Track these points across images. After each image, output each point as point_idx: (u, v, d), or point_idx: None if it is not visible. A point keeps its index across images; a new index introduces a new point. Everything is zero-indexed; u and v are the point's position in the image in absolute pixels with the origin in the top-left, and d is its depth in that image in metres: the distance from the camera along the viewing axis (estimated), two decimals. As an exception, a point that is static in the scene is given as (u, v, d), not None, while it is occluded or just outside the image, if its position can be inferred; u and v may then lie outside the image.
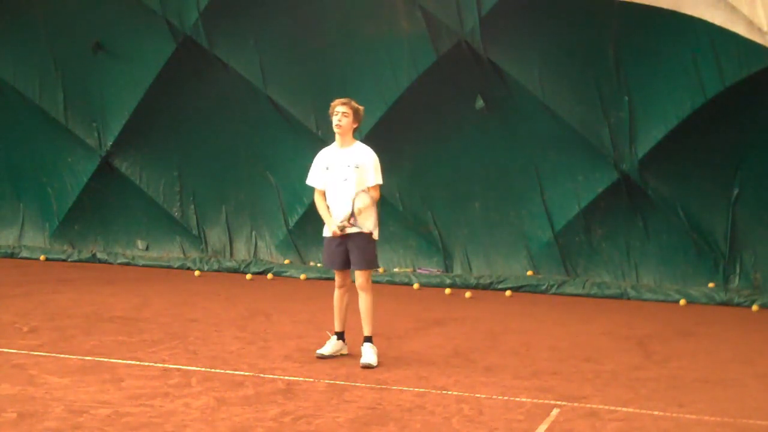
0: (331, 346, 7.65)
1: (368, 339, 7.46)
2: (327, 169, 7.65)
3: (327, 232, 7.60)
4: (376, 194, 7.57)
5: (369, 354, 7.35)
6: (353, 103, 7.61)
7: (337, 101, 7.60)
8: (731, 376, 7.48)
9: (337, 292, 7.70)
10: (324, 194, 7.66)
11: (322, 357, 7.53)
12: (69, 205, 13.79)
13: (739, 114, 11.21)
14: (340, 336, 7.70)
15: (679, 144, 11.36)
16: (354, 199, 7.38)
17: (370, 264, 7.51)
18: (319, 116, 12.58)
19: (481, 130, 12.10)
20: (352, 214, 7.35)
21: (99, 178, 13.56)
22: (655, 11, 9.93)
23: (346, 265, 7.54)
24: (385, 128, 12.24)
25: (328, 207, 7.60)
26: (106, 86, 13.14)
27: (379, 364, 7.36)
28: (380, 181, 7.64)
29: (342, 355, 7.64)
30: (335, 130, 7.60)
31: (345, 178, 7.51)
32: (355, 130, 7.73)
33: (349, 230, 7.39)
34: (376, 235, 7.54)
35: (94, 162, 13.51)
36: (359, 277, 7.48)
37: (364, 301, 7.49)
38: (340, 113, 7.54)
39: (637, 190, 11.77)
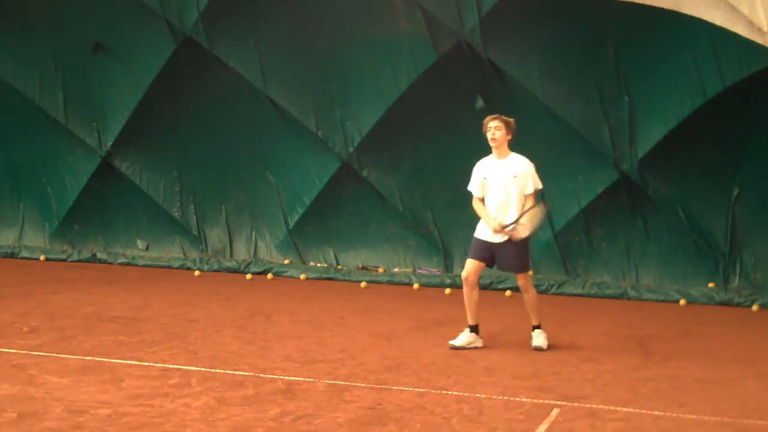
0: (465, 337, 8.20)
1: (536, 327, 8.32)
2: (485, 179, 8.33)
3: (482, 234, 8.26)
4: (531, 201, 8.23)
5: (538, 338, 8.24)
6: (504, 117, 8.30)
7: (489, 117, 8.33)
8: (731, 376, 7.48)
9: (465, 288, 8.31)
10: (482, 200, 8.34)
11: (454, 348, 8.10)
12: (69, 205, 13.79)
13: (739, 114, 11.20)
14: (474, 329, 8.25)
15: (679, 144, 11.36)
16: (524, 211, 8.11)
17: (526, 267, 8.37)
18: (319, 116, 12.59)
19: (481, 130, 12.08)
20: (517, 221, 8.09)
21: (99, 178, 13.56)
22: (655, 11, 9.93)
23: (487, 262, 8.34)
24: (385, 128, 12.25)
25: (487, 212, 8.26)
26: (106, 86, 13.14)
27: (379, 363, 7.37)
28: (539, 186, 8.33)
29: (475, 347, 8.14)
30: (491, 144, 8.32)
31: (504, 187, 8.20)
32: (509, 142, 8.35)
33: (502, 238, 8.13)
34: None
35: (94, 162, 13.51)
36: (520, 279, 8.40)
37: (528, 297, 8.35)
38: (493, 128, 8.25)
39: (637, 190, 11.77)
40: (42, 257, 13.71)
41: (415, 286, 12.25)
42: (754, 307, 11.17)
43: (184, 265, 13.22)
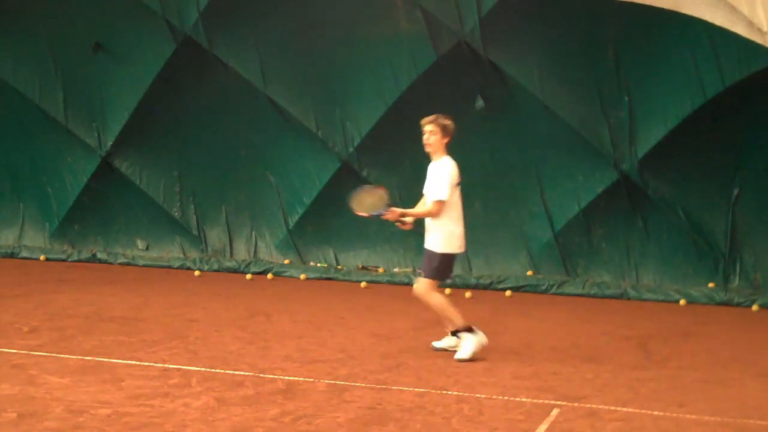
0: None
1: (454, 332, 7.81)
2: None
3: (451, 249, 7.85)
4: (429, 208, 7.87)
5: (461, 346, 7.70)
6: (441, 120, 7.93)
7: (425, 120, 7.94)
8: (731, 376, 7.48)
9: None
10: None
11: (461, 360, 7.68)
12: (69, 205, 13.79)
13: (739, 114, 11.21)
14: (468, 329, 7.82)
15: (679, 144, 11.36)
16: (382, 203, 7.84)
17: (428, 273, 7.89)
18: (319, 116, 12.59)
19: (481, 130, 12.09)
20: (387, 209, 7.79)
21: (99, 178, 13.56)
22: (655, 11, 9.94)
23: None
24: (385, 128, 12.25)
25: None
26: (106, 86, 13.14)
27: (379, 363, 7.37)
28: (438, 197, 7.80)
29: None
30: (425, 149, 7.94)
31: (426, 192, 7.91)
32: (446, 145, 7.99)
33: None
34: (439, 250, 7.83)
35: (94, 162, 13.51)
36: (417, 282, 7.97)
37: (429, 306, 7.92)
38: (428, 132, 7.90)
39: (637, 190, 11.77)
40: (42, 257, 13.71)
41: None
42: (754, 307, 11.18)
43: (184, 265, 13.22)
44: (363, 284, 12.19)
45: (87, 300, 10.23)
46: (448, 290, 11.93)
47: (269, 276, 12.76)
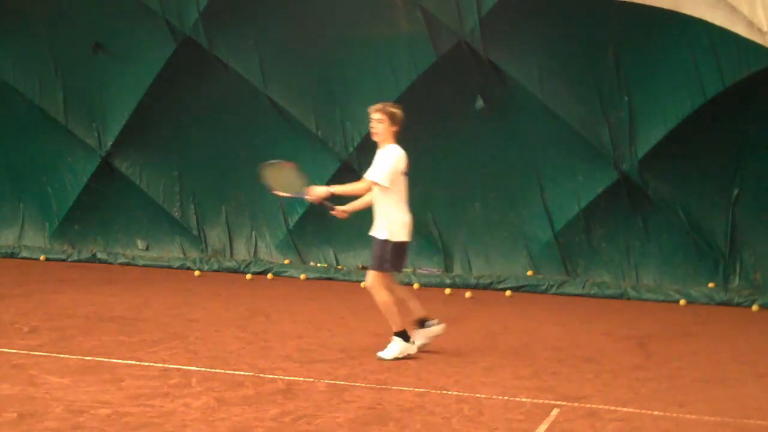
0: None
1: (397, 333, 7.63)
2: None
3: (400, 237, 7.60)
4: (360, 184, 7.70)
5: (389, 347, 7.57)
6: (389, 108, 7.66)
7: (372, 108, 7.66)
8: (731, 376, 7.48)
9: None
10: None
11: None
12: (69, 205, 13.78)
13: (739, 114, 11.21)
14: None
15: (679, 144, 11.36)
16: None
17: (376, 266, 7.62)
18: (319, 116, 12.59)
19: (481, 130, 12.10)
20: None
21: (99, 178, 13.56)
22: (655, 11, 9.94)
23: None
24: (385, 128, 12.23)
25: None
26: (106, 86, 13.14)
27: (379, 363, 7.37)
28: (373, 177, 7.57)
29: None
30: (373, 138, 7.71)
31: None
32: (395, 134, 7.68)
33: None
34: (384, 236, 7.59)
35: (94, 162, 13.51)
36: (366, 276, 7.76)
37: (376, 301, 7.71)
38: (375, 120, 7.62)
39: (637, 190, 11.77)
40: (42, 257, 13.70)
41: (415, 286, 12.24)
42: (754, 307, 11.17)
43: (184, 265, 13.21)
44: (363, 284, 12.17)
45: (87, 300, 10.23)
46: (448, 290, 11.95)
47: (269, 276, 12.76)
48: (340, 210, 7.85)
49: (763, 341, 9.33)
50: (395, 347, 7.56)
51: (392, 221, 7.59)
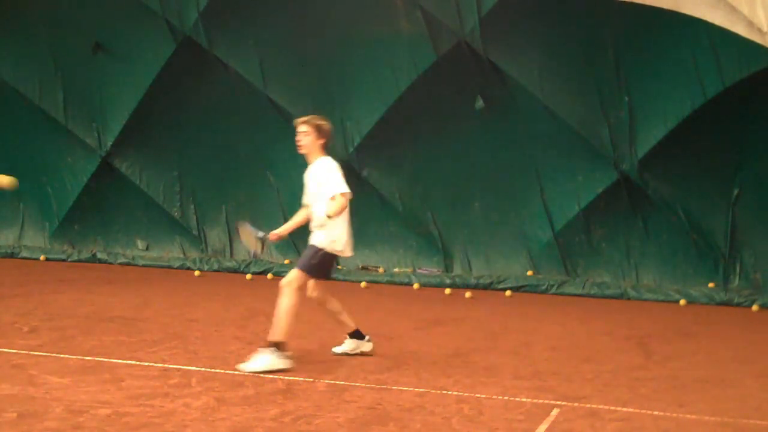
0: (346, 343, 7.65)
1: (273, 344, 7.07)
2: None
3: (335, 247, 7.36)
4: (336, 203, 7.18)
5: (256, 358, 6.96)
6: (315, 121, 7.38)
7: (298, 120, 7.40)
8: (731, 376, 7.48)
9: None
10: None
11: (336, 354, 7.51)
12: (69, 205, 13.79)
13: (739, 114, 11.22)
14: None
15: (679, 144, 11.36)
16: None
17: (303, 266, 7.30)
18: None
19: (481, 130, 12.11)
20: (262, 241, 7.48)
21: (99, 178, 13.56)
22: (655, 11, 9.94)
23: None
24: (385, 128, 12.25)
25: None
26: (106, 86, 13.15)
27: (379, 363, 7.36)
28: (342, 190, 7.21)
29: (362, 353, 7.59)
30: (299, 150, 7.44)
31: (312, 194, 7.46)
32: (323, 147, 7.37)
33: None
34: (323, 246, 7.35)
35: (94, 162, 13.51)
36: (289, 275, 7.31)
37: (280, 303, 7.26)
38: (301, 133, 7.36)
39: (637, 190, 11.77)
40: (42, 257, 13.71)
41: (415, 286, 12.25)
42: (754, 307, 11.18)
43: (184, 265, 13.22)
44: (363, 284, 12.19)
45: (87, 300, 10.23)
46: (448, 290, 11.95)
47: (269, 276, 12.76)
48: (275, 234, 7.60)
49: (763, 341, 9.33)
50: (267, 360, 6.92)
51: (336, 233, 7.35)
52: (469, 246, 12.67)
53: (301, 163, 13.85)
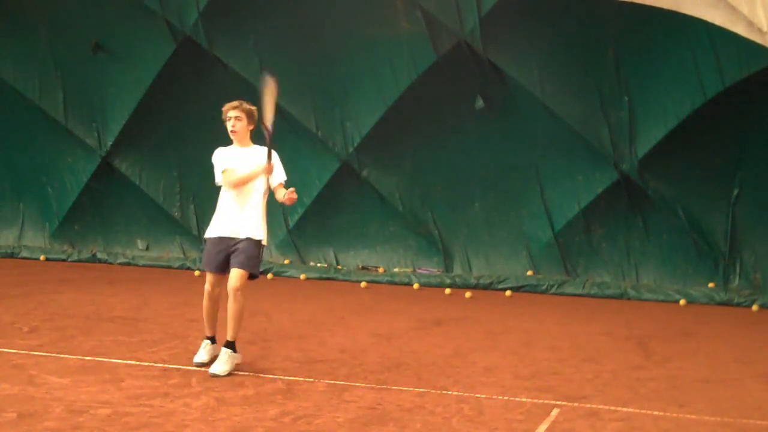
0: (207, 350, 7.26)
1: (229, 343, 6.99)
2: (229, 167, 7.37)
3: (214, 231, 7.29)
4: (281, 191, 7.42)
5: (221, 360, 6.87)
6: (246, 106, 7.43)
7: (228, 105, 7.39)
8: (731, 376, 7.48)
9: (206, 301, 7.33)
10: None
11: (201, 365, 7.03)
12: (69, 205, 13.80)
13: (739, 114, 11.22)
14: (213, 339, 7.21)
15: (679, 144, 11.36)
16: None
17: (251, 266, 7.10)
18: (319, 116, 12.60)
19: (481, 130, 12.11)
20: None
21: (99, 178, 13.56)
22: (655, 11, 9.94)
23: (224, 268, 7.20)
24: (385, 128, 12.25)
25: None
26: (106, 86, 13.15)
27: (379, 363, 7.36)
28: (283, 178, 7.52)
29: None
30: (231, 136, 7.44)
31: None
32: (251, 132, 7.47)
33: (237, 234, 7.20)
34: (262, 238, 7.25)
35: (94, 162, 13.51)
36: (236, 278, 7.07)
37: (233, 305, 7.08)
38: (233, 118, 7.38)
39: (637, 190, 11.77)
40: (42, 257, 13.71)
41: (415, 286, 12.25)
42: (754, 307, 11.18)
43: (184, 265, 13.22)
44: (363, 284, 12.19)
45: (87, 300, 10.23)
46: (448, 290, 11.95)
47: (269, 276, 12.76)
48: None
49: (763, 341, 9.33)
50: (232, 358, 6.90)
51: (263, 224, 7.36)
52: (469, 246, 12.67)
53: (301, 164, 13.89)
